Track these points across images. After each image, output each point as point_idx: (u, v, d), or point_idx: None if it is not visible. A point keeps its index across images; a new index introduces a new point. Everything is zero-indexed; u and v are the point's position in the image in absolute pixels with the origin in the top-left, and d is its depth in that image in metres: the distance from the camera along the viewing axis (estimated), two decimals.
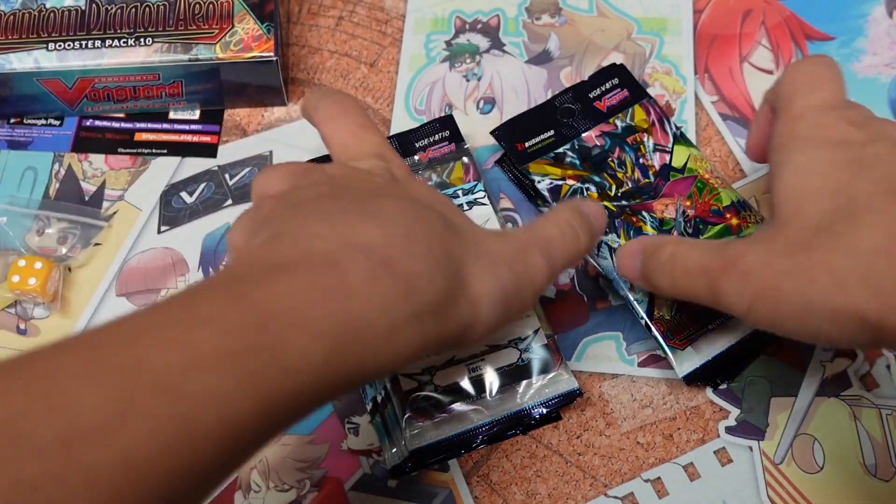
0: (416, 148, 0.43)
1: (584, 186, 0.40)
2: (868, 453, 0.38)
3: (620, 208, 0.40)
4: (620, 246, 0.38)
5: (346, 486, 0.39)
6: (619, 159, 0.40)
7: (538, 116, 0.43)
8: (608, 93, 0.43)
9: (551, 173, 0.41)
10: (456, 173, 0.42)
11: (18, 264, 0.42)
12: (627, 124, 0.42)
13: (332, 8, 0.51)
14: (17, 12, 0.45)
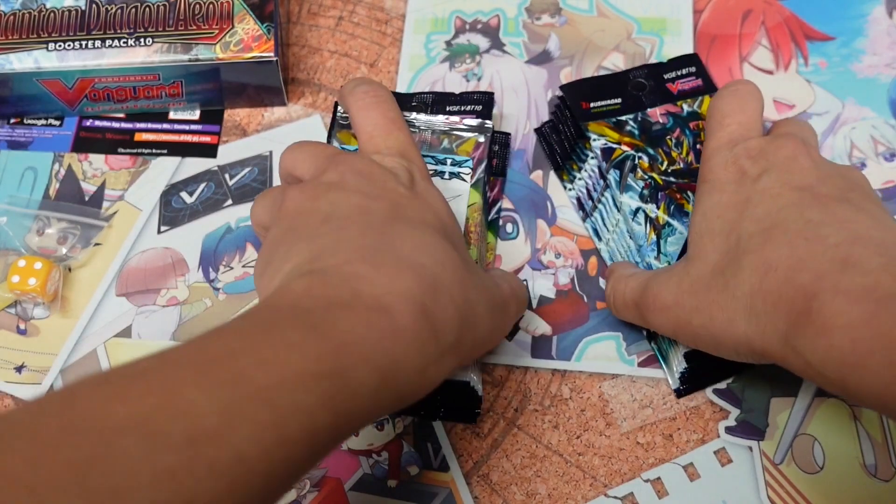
0: (447, 111, 0.43)
1: (637, 154, 0.41)
2: (868, 453, 0.38)
3: (667, 182, 0.40)
4: (656, 217, 0.39)
5: (346, 486, 0.39)
6: (678, 139, 0.41)
7: (609, 83, 0.44)
8: (682, 78, 0.44)
9: (609, 135, 0.41)
10: (466, 146, 0.42)
11: (18, 264, 0.42)
12: (693, 110, 0.42)
13: (332, 8, 0.51)
14: (17, 12, 0.45)
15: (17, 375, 0.42)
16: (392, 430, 0.40)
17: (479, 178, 0.41)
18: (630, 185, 0.40)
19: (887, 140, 0.46)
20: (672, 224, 0.39)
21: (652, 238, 0.39)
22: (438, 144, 0.42)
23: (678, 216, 0.40)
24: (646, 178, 0.40)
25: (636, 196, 0.40)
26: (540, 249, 0.44)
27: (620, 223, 0.40)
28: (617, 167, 0.41)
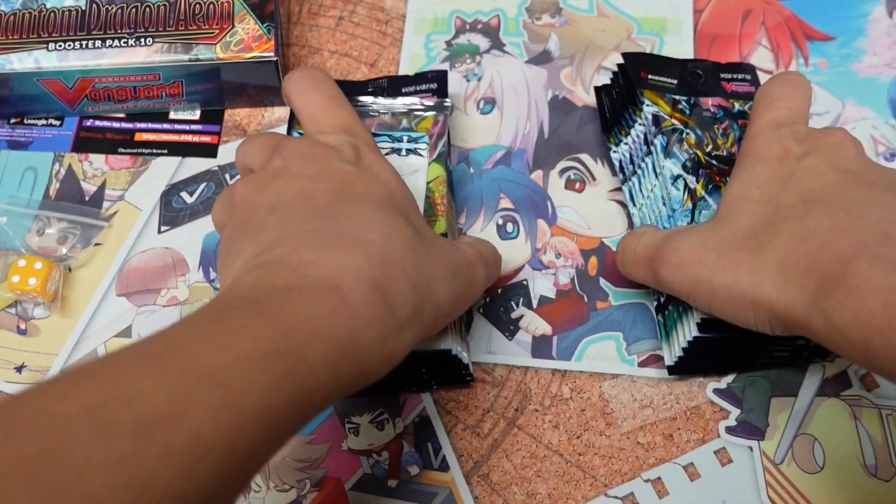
0: (402, 93, 0.43)
1: (686, 130, 0.41)
2: (868, 453, 0.38)
3: (709, 163, 0.41)
4: (695, 189, 0.40)
5: (346, 486, 0.39)
6: (725, 130, 0.41)
7: (668, 63, 0.44)
8: (737, 81, 0.44)
9: (662, 106, 0.42)
10: (425, 124, 0.42)
11: (18, 264, 0.42)
12: (744, 110, 0.42)
13: (333, 8, 0.51)
14: (18, 12, 0.45)
15: (18, 375, 0.42)
16: (392, 430, 0.40)
17: (441, 152, 0.41)
18: (674, 154, 0.40)
19: (887, 140, 0.46)
20: (707, 200, 0.39)
21: (688, 206, 0.39)
22: (398, 125, 0.42)
23: (715, 195, 0.40)
24: (690, 153, 0.41)
25: (679, 165, 0.40)
26: (540, 249, 0.44)
27: (656, 188, 0.41)
28: (665, 135, 0.41)
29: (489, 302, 0.42)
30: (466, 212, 0.45)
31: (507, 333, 0.42)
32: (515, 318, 0.42)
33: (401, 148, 0.41)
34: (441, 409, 0.40)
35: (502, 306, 0.42)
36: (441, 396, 0.40)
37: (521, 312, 0.42)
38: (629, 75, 0.43)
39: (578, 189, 0.45)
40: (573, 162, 0.46)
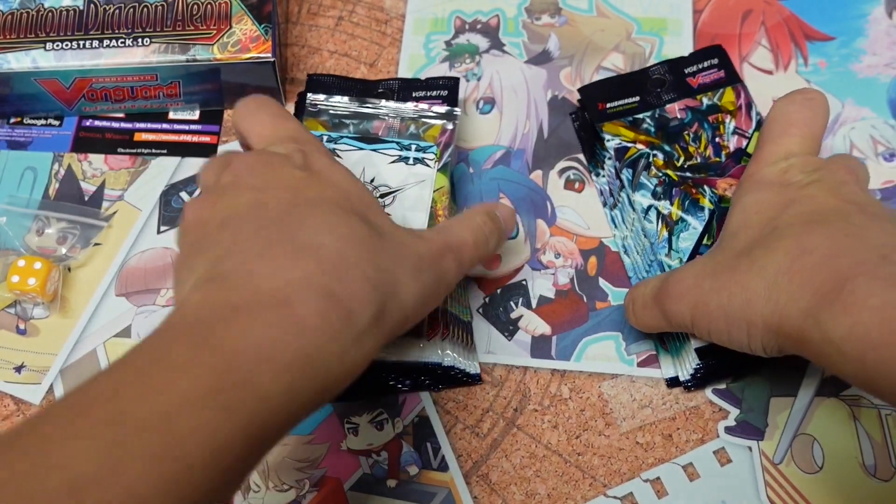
0: (413, 97, 0.43)
1: (652, 153, 0.41)
2: (867, 453, 0.38)
3: (682, 178, 0.41)
4: (669, 214, 0.40)
5: (345, 486, 0.39)
6: (696, 134, 0.41)
7: (629, 81, 0.44)
8: (704, 71, 0.44)
9: (623, 135, 0.42)
10: (432, 132, 0.42)
11: (18, 264, 0.42)
12: (714, 103, 0.42)
13: (332, 8, 0.51)
14: (15, 12, 0.45)
15: (17, 375, 0.42)
16: (391, 429, 0.40)
17: (446, 162, 0.41)
18: (642, 184, 0.40)
19: (887, 140, 0.46)
20: (686, 220, 0.40)
21: (663, 235, 0.39)
22: (406, 130, 0.42)
23: (693, 211, 0.40)
24: (660, 176, 0.40)
25: (648, 194, 0.40)
26: (539, 249, 0.44)
27: (636, 221, 0.41)
28: (630, 166, 0.41)
29: (488, 302, 0.42)
30: None
31: (506, 333, 0.42)
32: (515, 318, 0.42)
33: (408, 157, 0.41)
34: (440, 409, 0.40)
35: (501, 306, 0.42)
36: (440, 396, 0.40)
37: (520, 312, 0.42)
38: (588, 111, 0.43)
39: (578, 189, 0.45)
40: (572, 162, 0.46)
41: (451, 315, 0.39)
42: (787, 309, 0.31)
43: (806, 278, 0.30)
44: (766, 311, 0.31)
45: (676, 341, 0.39)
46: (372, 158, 0.41)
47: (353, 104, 0.43)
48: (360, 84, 0.44)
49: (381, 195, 0.40)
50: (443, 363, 0.38)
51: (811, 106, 0.38)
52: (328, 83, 0.44)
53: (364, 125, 0.42)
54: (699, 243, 0.39)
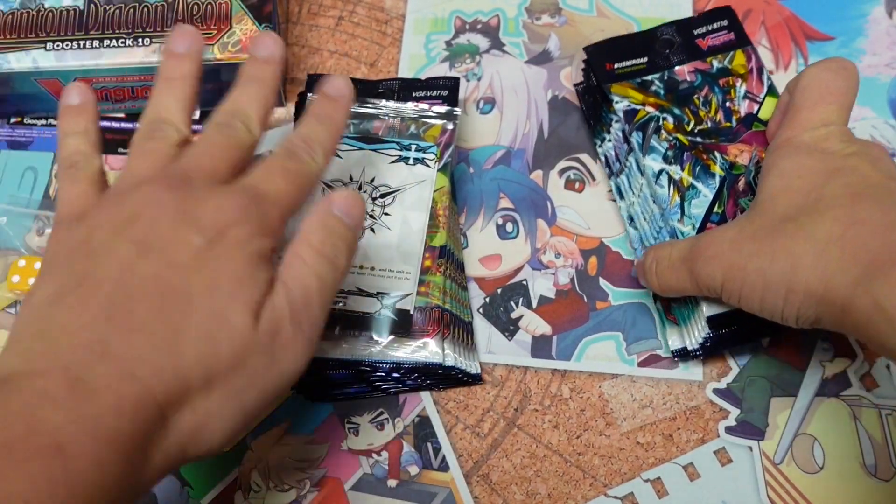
0: (413, 97, 0.43)
1: (662, 115, 0.40)
2: (868, 453, 0.38)
3: (693, 143, 0.40)
4: (680, 179, 0.39)
5: (346, 485, 0.39)
6: (706, 98, 0.41)
7: (636, 42, 0.43)
8: (713, 33, 0.43)
9: (632, 97, 0.41)
10: (432, 132, 0.42)
11: (18, 264, 0.42)
12: (724, 66, 0.42)
13: (332, 8, 0.51)
14: (16, 12, 0.45)
15: None
16: (392, 429, 0.40)
17: (446, 162, 0.41)
18: (653, 147, 0.39)
19: (887, 140, 0.46)
20: (696, 186, 0.39)
21: (675, 201, 0.39)
22: (406, 130, 0.42)
23: (703, 178, 0.39)
24: (670, 140, 0.40)
25: (659, 158, 0.40)
26: (540, 249, 0.44)
27: (644, 187, 0.40)
28: (640, 129, 0.40)
29: (489, 302, 0.42)
30: (466, 212, 0.45)
31: (506, 333, 0.42)
32: (515, 318, 0.42)
33: (408, 157, 0.41)
34: (441, 409, 0.40)
35: (502, 306, 0.42)
36: (441, 396, 0.40)
37: (520, 312, 0.42)
38: (595, 72, 0.42)
39: (578, 189, 0.45)
40: (573, 162, 0.46)
41: (452, 315, 0.39)
42: (836, 278, 0.30)
43: (859, 248, 0.30)
44: (811, 278, 0.31)
45: (685, 309, 0.39)
46: (372, 158, 0.41)
47: (353, 104, 0.43)
48: (361, 84, 0.44)
49: (382, 195, 0.40)
50: (443, 363, 0.38)
51: (846, 76, 0.37)
52: None
53: (364, 125, 0.42)
54: (710, 211, 0.38)
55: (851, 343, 0.41)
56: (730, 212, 0.39)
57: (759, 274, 0.32)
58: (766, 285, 0.32)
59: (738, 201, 0.39)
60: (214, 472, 0.39)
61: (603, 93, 0.42)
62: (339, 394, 0.40)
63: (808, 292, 0.31)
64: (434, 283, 0.39)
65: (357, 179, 0.41)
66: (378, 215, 0.40)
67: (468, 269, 0.43)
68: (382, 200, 0.40)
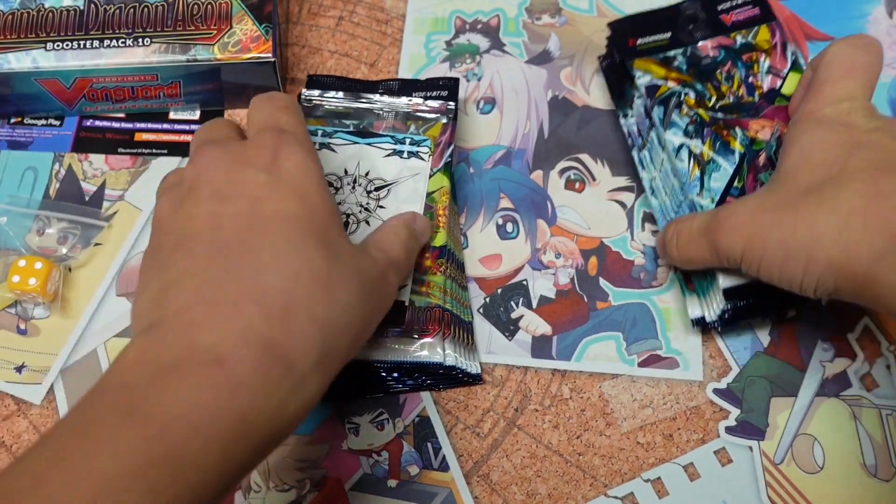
0: (411, 94, 0.44)
1: (684, 91, 0.41)
2: (868, 453, 0.38)
3: (713, 119, 0.40)
4: (701, 154, 0.39)
5: (346, 485, 0.39)
6: (728, 73, 0.41)
7: (660, 17, 0.43)
8: (737, 8, 0.43)
9: (654, 72, 0.41)
10: (433, 131, 0.42)
11: (18, 264, 0.42)
12: (747, 41, 0.42)
13: (333, 8, 0.51)
14: (16, 12, 0.45)
15: (18, 375, 0.42)
16: (392, 429, 0.40)
17: (447, 162, 0.41)
18: (674, 122, 0.40)
19: None
20: (717, 161, 0.39)
21: (695, 174, 0.39)
22: (405, 130, 0.42)
23: (724, 153, 0.39)
24: (691, 115, 0.40)
25: (680, 132, 0.40)
26: (540, 249, 0.44)
27: (665, 162, 0.40)
28: (661, 104, 0.40)
29: (489, 302, 0.42)
30: (466, 212, 0.45)
31: (506, 333, 0.42)
32: (515, 318, 0.42)
33: (403, 150, 0.41)
34: (441, 409, 0.40)
35: (502, 306, 0.42)
36: (441, 396, 0.40)
37: (520, 312, 0.42)
38: (618, 47, 0.43)
39: (578, 189, 0.45)
40: (573, 162, 0.46)
41: (452, 315, 0.39)
42: (859, 249, 0.30)
43: (883, 221, 0.30)
44: (833, 250, 0.31)
45: (704, 281, 0.39)
46: (367, 152, 0.41)
47: (348, 99, 0.43)
48: (360, 85, 0.44)
49: (377, 188, 0.40)
50: (444, 363, 0.38)
51: (871, 51, 0.37)
52: (328, 84, 0.44)
53: (364, 124, 0.43)
54: (730, 185, 0.38)
55: (851, 343, 0.41)
56: (749, 186, 0.39)
57: (781, 244, 0.33)
58: (786, 256, 0.33)
59: (757, 176, 0.39)
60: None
61: (625, 68, 0.42)
62: (339, 394, 0.40)
63: (830, 263, 0.31)
64: (434, 282, 0.39)
65: (352, 173, 0.41)
66: (373, 208, 0.40)
67: (468, 269, 0.43)
68: (377, 193, 0.40)
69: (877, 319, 0.41)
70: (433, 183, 0.41)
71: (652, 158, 0.41)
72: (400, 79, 0.45)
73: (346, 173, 0.41)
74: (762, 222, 0.33)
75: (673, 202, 0.40)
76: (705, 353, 0.41)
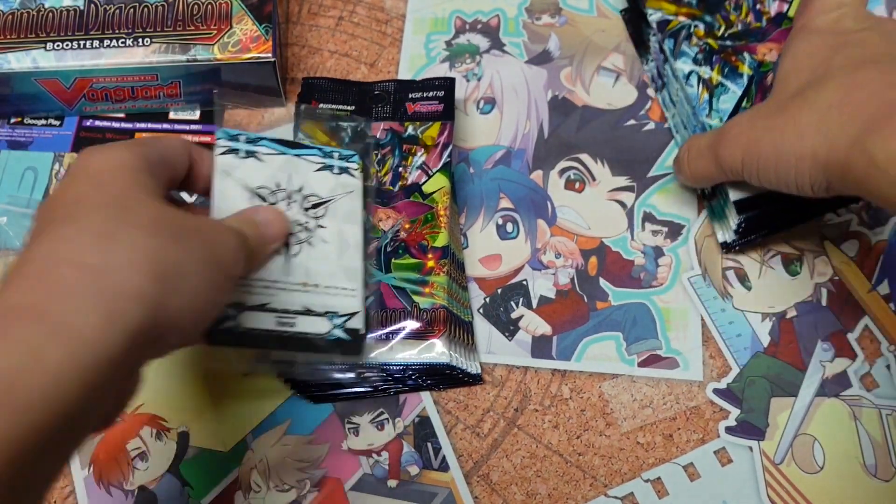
0: (410, 98, 0.44)
1: (694, 24, 0.43)
2: (868, 453, 0.38)
3: (722, 47, 0.42)
4: (709, 79, 0.42)
5: (346, 485, 0.39)
6: (737, 2, 0.43)
7: None
8: None
9: (665, 9, 0.44)
10: (430, 132, 0.42)
11: None
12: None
13: (333, 8, 0.51)
14: (16, 12, 0.45)
15: None
16: (392, 430, 0.40)
17: (446, 162, 0.41)
18: (683, 52, 0.42)
19: None
20: (725, 84, 0.41)
21: (704, 97, 0.41)
22: (403, 131, 0.42)
23: (732, 77, 0.41)
24: (700, 44, 0.42)
25: (689, 60, 0.42)
26: (540, 249, 0.43)
27: (679, 91, 0.43)
28: (672, 36, 0.43)
29: (489, 302, 0.42)
30: (466, 211, 0.45)
31: (506, 333, 0.42)
32: (515, 318, 0.42)
33: (333, 165, 0.39)
34: (441, 409, 0.40)
35: (502, 306, 0.42)
36: (441, 396, 0.40)
37: (520, 312, 0.42)
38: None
39: (578, 189, 0.45)
40: (573, 162, 0.46)
41: (452, 315, 0.39)
42: (837, 139, 0.32)
43: (856, 109, 0.31)
44: (815, 142, 0.32)
45: (719, 202, 0.41)
46: (297, 164, 0.38)
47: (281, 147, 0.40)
48: (356, 86, 0.44)
49: (314, 205, 0.38)
50: (445, 363, 0.38)
51: None
52: (323, 86, 0.44)
53: (364, 127, 0.43)
54: (738, 106, 0.40)
55: (851, 343, 0.41)
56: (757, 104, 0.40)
57: (772, 147, 0.34)
58: (777, 157, 0.34)
59: (765, 95, 0.40)
60: (215, 472, 0.39)
61: (638, 9, 0.45)
62: (340, 394, 0.40)
63: (815, 157, 0.33)
64: (438, 283, 0.39)
65: (284, 187, 0.37)
66: (313, 227, 0.37)
67: (468, 269, 0.43)
68: (314, 211, 0.38)
69: (877, 319, 0.41)
70: (433, 183, 0.40)
71: (670, 95, 0.44)
72: (395, 80, 0.45)
73: (279, 187, 0.37)
74: (756, 128, 0.35)
75: (690, 130, 0.43)
76: (705, 353, 0.41)
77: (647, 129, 0.46)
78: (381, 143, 0.43)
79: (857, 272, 0.42)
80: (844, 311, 0.41)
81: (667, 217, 0.44)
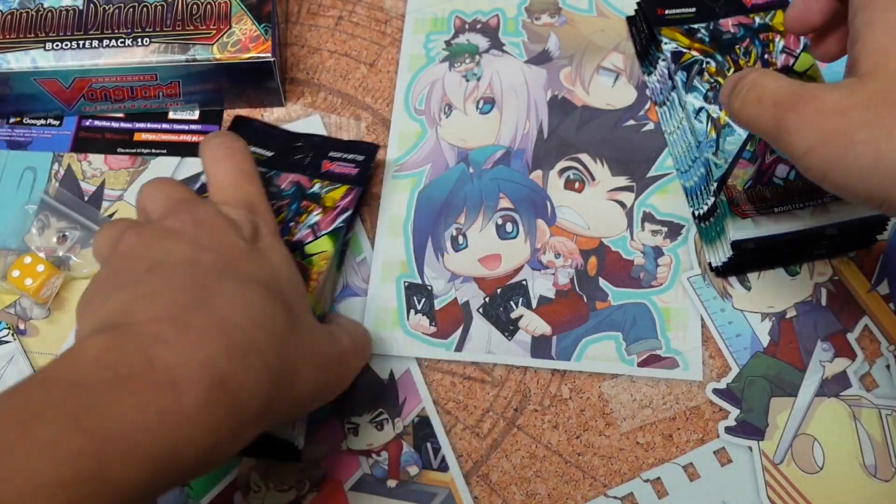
0: (329, 157, 0.43)
1: (706, 60, 0.44)
2: (868, 453, 0.38)
3: None
4: (718, 118, 0.42)
5: (345, 486, 0.39)
6: (746, 49, 0.44)
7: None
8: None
9: (679, 40, 0.44)
10: (334, 193, 0.41)
11: (24, 260, 0.42)
12: (765, 23, 0.45)
13: (332, 8, 0.51)
14: (15, 12, 0.45)
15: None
16: (391, 430, 0.40)
17: (338, 227, 0.40)
18: (695, 87, 0.43)
19: None
20: (731, 126, 0.42)
21: (712, 135, 0.41)
22: (309, 187, 0.42)
23: None
24: (711, 82, 0.43)
25: (700, 97, 0.43)
26: (539, 249, 0.43)
27: (683, 121, 0.43)
28: (685, 69, 0.43)
29: (488, 302, 0.42)
30: (466, 212, 0.45)
31: (506, 333, 0.42)
32: (515, 318, 0.42)
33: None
34: (440, 409, 0.40)
35: (502, 306, 0.42)
36: (441, 397, 0.40)
37: (520, 312, 0.42)
38: (647, 15, 0.46)
39: (578, 189, 0.45)
40: (573, 162, 0.46)
41: None
42: None
43: None
44: None
45: (714, 227, 0.41)
46: None
47: None
48: (284, 134, 0.44)
49: None
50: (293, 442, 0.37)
51: None
52: (253, 127, 0.45)
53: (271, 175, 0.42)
54: (742, 148, 0.41)
55: (851, 343, 0.41)
56: (760, 149, 0.40)
57: (871, 147, 0.27)
58: (874, 162, 0.27)
59: (767, 144, 0.40)
60: (214, 472, 0.39)
61: (653, 34, 0.45)
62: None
63: None
64: None
65: None
66: None
67: (468, 269, 0.43)
68: None
69: (877, 319, 0.41)
70: (316, 246, 0.39)
71: (671, 115, 0.45)
72: (321, 136, 0.45)
73: None
74: (851, 118, 0.28)
75: (689, 156, 0.43)
76: (705, 353, 0.41)
77: (647, 129, 0.46)
78: (283, 195, 0.42)
79: (857, 272, 0.42)
80: (844, 311, 0.41)
81: (666, 217, 0.44)
